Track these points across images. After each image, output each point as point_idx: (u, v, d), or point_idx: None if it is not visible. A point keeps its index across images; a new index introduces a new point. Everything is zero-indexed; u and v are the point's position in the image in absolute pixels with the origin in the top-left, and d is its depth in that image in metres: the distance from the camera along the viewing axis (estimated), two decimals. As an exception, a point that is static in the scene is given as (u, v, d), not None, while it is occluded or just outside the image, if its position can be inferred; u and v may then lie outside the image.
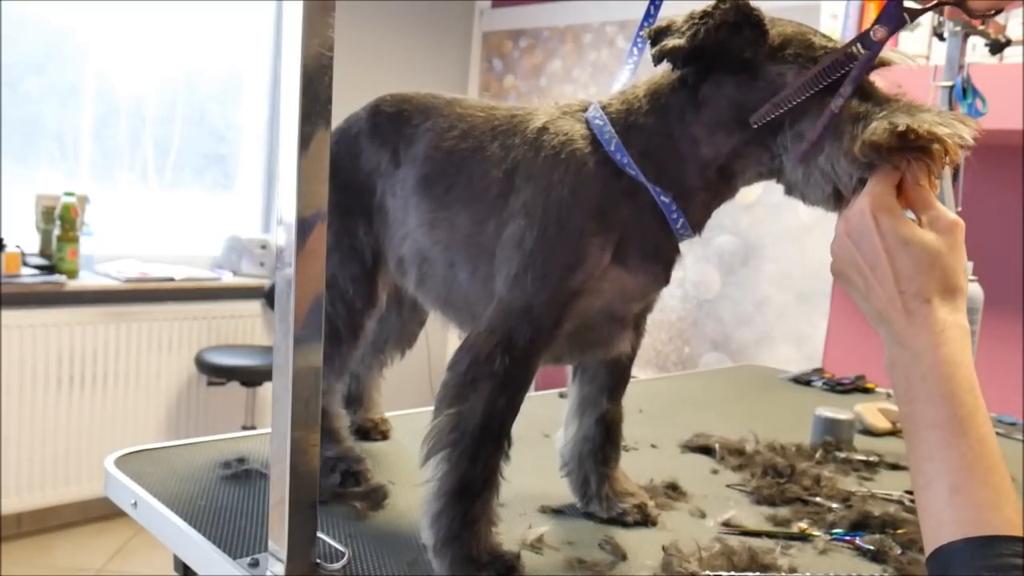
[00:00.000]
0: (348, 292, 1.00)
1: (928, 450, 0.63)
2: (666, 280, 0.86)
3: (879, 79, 0.75)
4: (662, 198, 0.80)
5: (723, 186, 0.82)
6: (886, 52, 0.73)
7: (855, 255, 0.69)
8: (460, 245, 0.89)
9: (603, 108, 0.84)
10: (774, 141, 0.76)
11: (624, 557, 0.87)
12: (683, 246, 0.88)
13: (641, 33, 0.87)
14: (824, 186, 0.73)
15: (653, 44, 0.77)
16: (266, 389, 3.08)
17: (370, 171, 1.00)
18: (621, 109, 0.83)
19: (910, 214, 0.69)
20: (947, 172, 1.50)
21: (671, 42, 0.75)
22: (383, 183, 0.98)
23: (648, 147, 0.81)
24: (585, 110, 0.86)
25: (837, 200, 0.73)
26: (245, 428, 3.11)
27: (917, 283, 0.66)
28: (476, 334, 0.82)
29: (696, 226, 0.83)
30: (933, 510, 0.61)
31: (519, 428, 0.82)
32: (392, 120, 0.99)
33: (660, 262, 0.84)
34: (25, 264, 2.72)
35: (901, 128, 0.65)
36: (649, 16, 0.91)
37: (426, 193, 0.92)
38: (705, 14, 0.74)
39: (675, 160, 0.80)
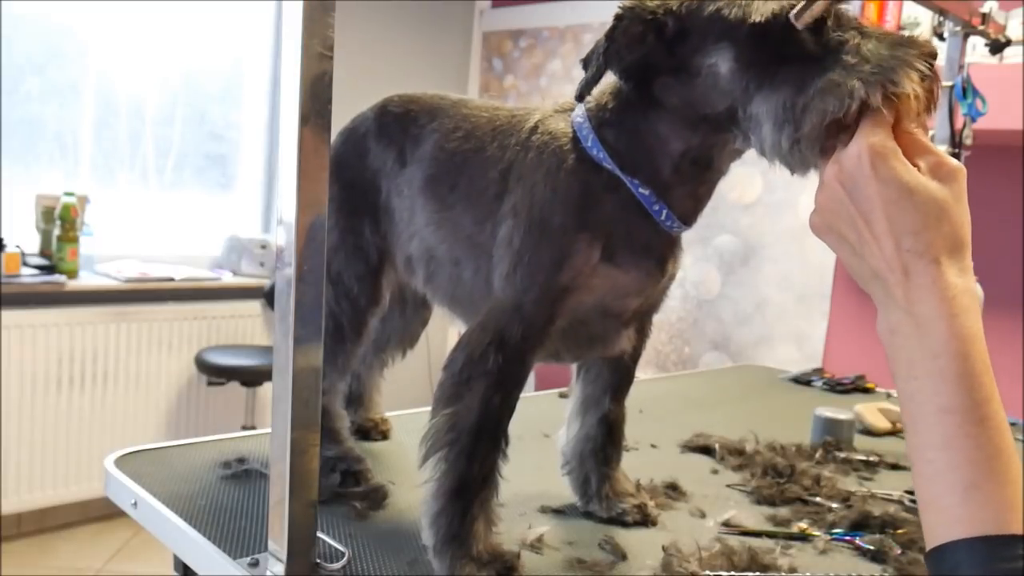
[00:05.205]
0: (353, 290, 1.00)
1: (940, 438, 0.56)
2: (661, 275, 0.85)
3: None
4: (641, 191, 0.80)
5: (702, 175, 0.81)
6: None
7: (848, 205, 0.61)
8: (463, 245, 0.90)
9: (585, 105, 0.84)
10: (737, 125, 0.73)
11: (624, 557, 0.87)
12: (683, 246, 0.88)
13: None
14: (811, 157, 0.67)
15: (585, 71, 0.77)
16: (266, 389, 3.08)
17: (376, 171, 1.00)
18: (593, 107, 0.83)
19: None
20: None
21: (580, 84, 0.76)
22: (388, 183, 0.99)
23: (620, 142, 0.80)
24: None
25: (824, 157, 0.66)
26: (245, 428, 3.11)
27: (924, 239, 0.58)
28: (469, 333, 0.82)
29: (685, 218, 0.82)
30: (943, 505, 0.55)
31: (519, 428, 0.82)
32: (399, 120, 0.99)
33: (652, 257, 0.83)
34: (25, 264, 2.72)
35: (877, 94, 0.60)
36: None
37: (432, 194, 0.93)
38: (608, 39, 0.73)
39: (647, 155, 0.80)
